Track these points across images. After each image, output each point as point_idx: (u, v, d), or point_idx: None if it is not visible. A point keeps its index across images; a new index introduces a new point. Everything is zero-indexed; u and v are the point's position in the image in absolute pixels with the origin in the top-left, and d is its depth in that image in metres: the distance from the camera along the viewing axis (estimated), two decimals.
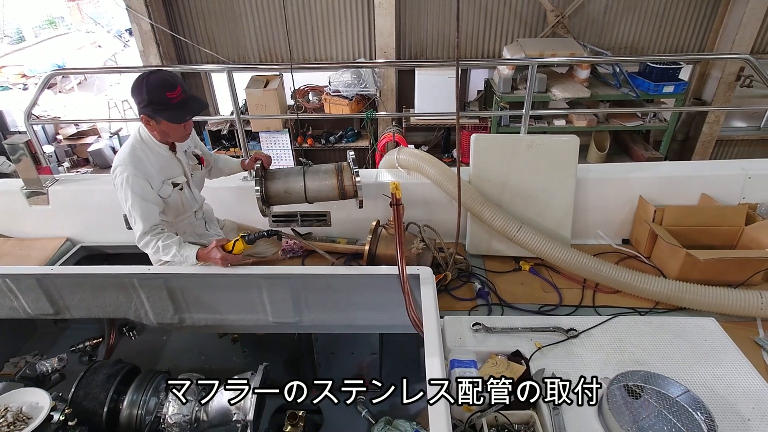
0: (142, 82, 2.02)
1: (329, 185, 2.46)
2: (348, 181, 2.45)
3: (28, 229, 3.06)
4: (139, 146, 2.19)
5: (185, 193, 2.36)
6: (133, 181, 2.09)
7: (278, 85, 5.92)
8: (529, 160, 2.65)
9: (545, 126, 5.74)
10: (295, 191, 2.46)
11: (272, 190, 2.46)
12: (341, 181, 2.44)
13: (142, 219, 2.15)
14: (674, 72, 5.41)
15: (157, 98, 2.02)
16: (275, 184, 2.46)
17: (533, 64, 2.88)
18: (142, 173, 2.13)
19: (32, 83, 8.89)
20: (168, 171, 2.27)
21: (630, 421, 1.63)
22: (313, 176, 2.46)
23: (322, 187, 2.46)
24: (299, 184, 2.45)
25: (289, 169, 2.54)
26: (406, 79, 6.25)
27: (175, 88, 2.03)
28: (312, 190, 2.45)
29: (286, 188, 2.46)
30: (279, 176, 2.49)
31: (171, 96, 2.03)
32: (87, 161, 7.03)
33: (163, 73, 2.07)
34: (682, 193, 2.82)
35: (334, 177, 2.45)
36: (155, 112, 2.06)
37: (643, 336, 2.02)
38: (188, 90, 2.11)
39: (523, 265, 2.76)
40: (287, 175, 2.49)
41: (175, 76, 2.08)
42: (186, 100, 2.08)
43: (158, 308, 2.24)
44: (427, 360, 1.69)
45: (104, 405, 1.92)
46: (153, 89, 2.01)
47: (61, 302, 2.26)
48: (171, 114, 2.08)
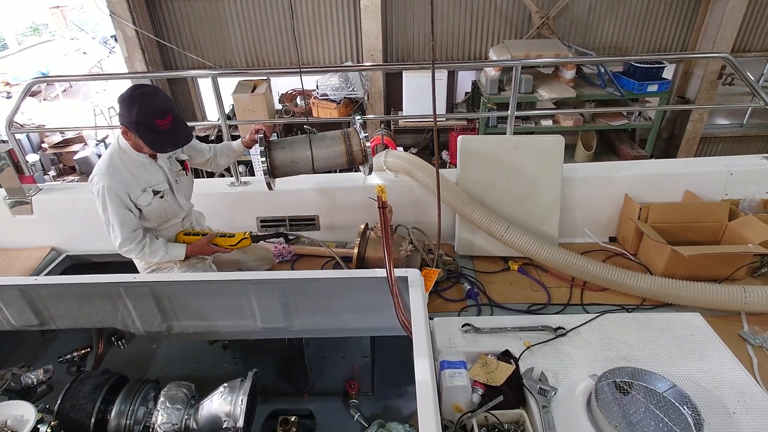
0: (135, 102, 1.98)
1: (337, 151, 2.36)
2: (356, 146, 2.34)
3: (11, 239, 3.01)
4: (118, 155, 2.17)
5: (167, 201, 2.33)
6: (109, 191, 2.09)
7: (266, 90, 5.91)
8: (516, 160, 2.67)
9: (532, 126, 5.79)
10: (302, 160, 2.35)
11: (278, 160, 2.34)
12: (349, 146, 2.34)
13: (120, 226, 2.15)
14: (658, 71, 5.50)
15: (145, 121, 2.00)
16: (281, 153, 2.34)
17: (517, 65, 2.90)
18: (119, 182, 2.11)
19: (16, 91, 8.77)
20: (148, 179, 2.24)
21: (619, 417, 1.65)
22: (320, 143, 2.35)
23: (330, 154, 2.36)
24: (306, 152, 2.34)
25: (293, 138, 2.44)
26: (394, 81, 6.27)
27: (167, 116, 2.01)
28: (320, 158, 2.35)
29: (293, 157, 2.35)
30: (284, 145, 2.38)
31: (160, 123, 2.00)
32: (73, 169, 6.96)
33: (161, 97, 2.04)
34: (667, 191, 2.86)
35: (341, 143, 2.35)
36: (139, 133, 2.03)
37: (631, 332, 2.04)
38: (178, 116, 2.09)
39: (511, 265, 2.78)
40: (293, 144, 2.38)
41: (170, 103, 2.06)
42: (172, 128, 2.05)
43: (145, 317, 2.21)
44: (416, 362, 1.69)
45: (91, 416, 1.90)
46: (145, 113, 1.98)
47: (46, 313, 2.23)
48: (154, 139, 2.05)
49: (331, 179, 3.25)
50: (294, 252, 2.96)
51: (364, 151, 2.35)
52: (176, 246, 2.34)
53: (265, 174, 2.33)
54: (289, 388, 2.92)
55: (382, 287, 2.11)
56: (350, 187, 3.00)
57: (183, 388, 2.01)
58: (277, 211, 2.95)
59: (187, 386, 2.05)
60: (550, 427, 1.64)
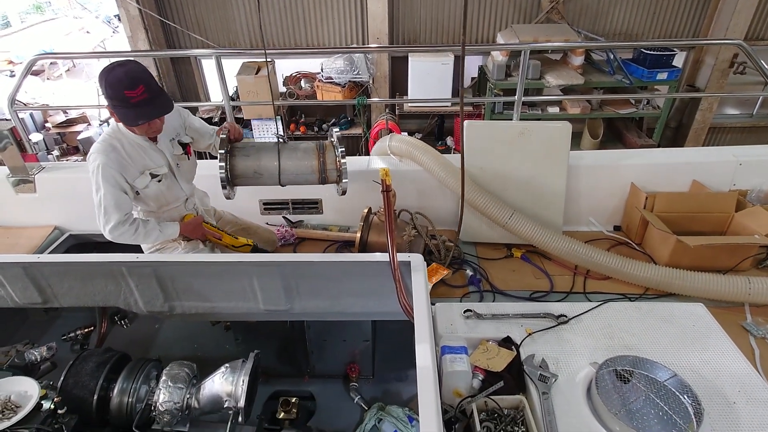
0: (105, 73, 1.91)
1: (308, 167, 2.08)
2: (331, 164, 2.07)
3: (15, 217, 3.02)
4: (116, 135, 2.11)
5: (166, 185, 2.27)
6: (104, 171, 2.03)
7: (270, 72, 5.84)
8: (522, 146, 2.64)
9: (539, 113, 5.73)
10: (268, 171, 2.06)
11: (239, 168, 2.06)
12: (322, 163, 2.06)
13: (115, 208, 2.09)
14: (668, 59, 5.40)
15: (114, 94, 1.91)
16: (244, 161, 2.07)
17: (526, 49, 2.86)
18: (115, 163, 2.06)
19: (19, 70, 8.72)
20: (146, 162, 2.19)
21: (619, 404, 1.65)
22: (290, 154, 2.07)
23: (300, 169, 2.07)
24: (273, 162, 2.05)
25: (261, 144, 2.16)
26: (400, 65, 6.19)
27: (137, 86, 1.89)
28: (288, 171, 2.06)
29: (257, 167, 2.06)
30: (249, 152, 2.09)
31: (130, 95, 1.89)
32: (77, 149, 6.94)
33: (130, 67, 1.93)
34: (674, 180, 2.83)
35: (314, 157, 2.07)
36: (113, 107, 1.97)
37: (633, 321, 2.03)
38: (155, 88, 1.98)
39: (515, 252, 2.77)
40: (259, 151, 2.09)
41: (141, 73, 1.94)
42: (147, 100, 1.94)
43: (148, 296, 2.22)
44: (417, 346, 1.69)
45: (94, 393, 1.92)
46: (112, 83, 1.89)
47: (49, 291, 2.24)
48: (125, 113, 1.96)
49: None
50: (297, 235, 2.96)
51: (339, 170, 2.09)
52: (170, 224, 2.30)
53: (223, 183, 2.05)
54: (290, 370, 2.94)
55: (384, 272, 2.11)
56: (354, 171, 2.97)
57: (185, 368, 2.03)
58: (281, 193, 2.93)
59: (189, 366, 2.06)
60: (549, 413, 1.64)
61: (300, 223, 3.02)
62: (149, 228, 2.21)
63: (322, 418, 2.73)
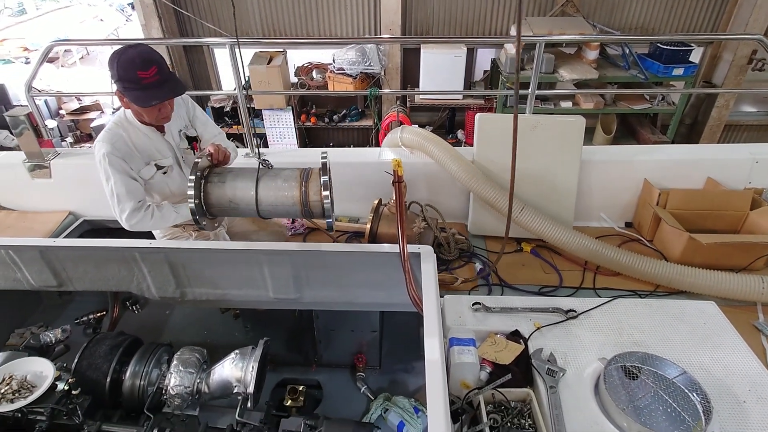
0: (116, 55, 1.88)
1: (288, 198, 1.80)
2: (314, 195, 1.78)
3: (30, 202, 3.06)
4: (122, 123, 2.08)
5: (171, 177, 2.23)
6: (110, 159, 2.00)
7: (282, 62, 5.85)
8: (534, 140, 2.62)
9: (552, 107, 5.68)
10: (244, 201, 1.81)
11: (214, 197, 1.81)
12: (305, 194, 1.78)
13: (127, 196, 2.05)
14: (685, 54, 5.32)
15: (126, 75, 1.87)
16: (218, 189, 1.82)
17: (541, 41, 2.82)
18: (120, 151, 2.02)
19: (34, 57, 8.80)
20: (152, 152, 2.15)
21: (626, 400, 1.65)
22: (270, 183, 1.82)
23: (279, 199, 1.80)
24: (249, 192, 1.79)
25: (241, 170, 1.90)
26: (412, 58, 6.15)
27: (149, 67, 1.87)
28: (266, 201, 1.80)
29: (233, 196, 1.81)
30: (226, 178, 1.84)
31: (142, 75, 1.86)
32: (90, 137, 7.00)
33: (142, 48, 1.90)
34: (688, 177, 2.79)
35: (295, 188, 1.79)
36: (124, 89, 1.93)
37: (643, 318, 2.02)
38: (167, 71, 1.95)
39: (524, 246, 2.76)
40: (236, 178, 1.84)
41: (154, 54, 1.91)
42: (160, 82, 1.91)
43: (160, 282, 2.25)
44: (426, 338, 1.70)
45: (107, 375, 1.96)
46: (124, 64, 1.86)
47: (64, 274, 2.28)
48: (137, 95, 1.91)
49: (345, 153, 3.23)
50: (306, 225, 2.97)
51: (322, 203, 1.78)
52: (184, 205, 2.25)
53: (193, 213, 1.79)
54: (297, 359, 2.98)
55: (393, 263, 2.12)
56: (364, 162, 2.98)
57: (195, 353, 2.06)
58: None
59: (200, 351, 2.10)
60: (557, 407, 1.64)
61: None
62: (165, 212, 2.17)
63: (329, 406, 2.76)
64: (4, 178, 3.01)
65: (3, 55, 8.79)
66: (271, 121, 6.20)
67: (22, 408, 1.73)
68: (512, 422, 1.65)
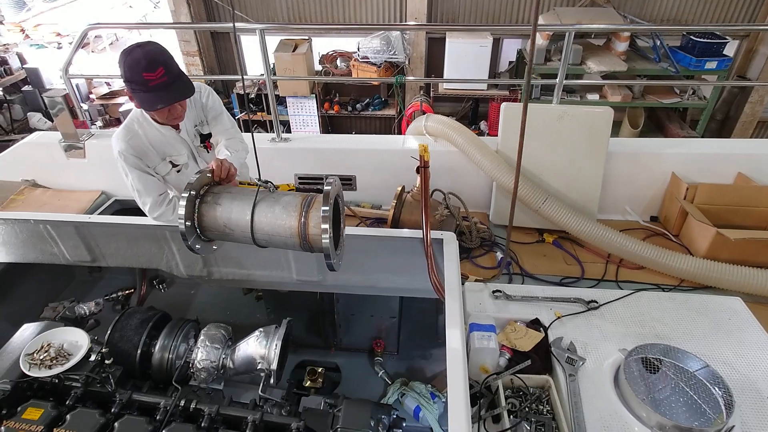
0: (124, 55, 1.82)
1: (286, 228, 1.55)
2: (314, 228, 1.52)
3: (65, 181, 3.17)
4: (138, 119, 2.06)
5: (186, 174, 2.20)
6: (125, 157, 2.00)
7: (307, 50, 5.88)
8: (560, 131, 2.60)
9: (578, 100, 5.58)
10: (239, 227, 1.60)
11: (207, 220, 1.61)
12: (304, 225, 1.53)
13: (146, 191, 2.06)
14: (719, 47, 5.15)
15: (133, 77, 1.82)
16: (212, 210, 1.61)
17: (571, 30, 2.78)
18: (135, 149, 2.02)
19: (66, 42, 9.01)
20: (167, 149, 2.13)
21: (645, 391, 1.65)
22: (268, 208, 1.59)
23: (276, 229, 1.57)
24: (245, 216, 1.57)
25: (241, 191, 1.69)
26: (436, 47, 6.11)
27: (156, 68, 1.80)
28: (262, 229, 1.58)
29: (227, 220, 1.60)
30: (221, 199, 1.63)
31: (149, 77, 1.80)
32: (119, 121, 7.16)
33: (149, 48, 1.83)
34: (718, 172, 2.74)
35: (294, 217, 1.55)
36: (132, 91, 1.88)
37: (666, 311, 2.01)
38: (175, 71, 1.88)
39: (546, 237, 2.75)
40: (233, 200, 1.62)
41: (160, 54, 1.84)
42: (167, 83, 1.84)
43: (188, 261, 2.32)
44: (448, 324, 1.72)
45: (138, 347, 2.03)
46: (131, 65, 1.80)
47: (97, 250, 2.37)
48: (144, 97, 1.87)
49: (369, 140, 3.25)
50: None
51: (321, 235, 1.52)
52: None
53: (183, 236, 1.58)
54: (317, 341, 3.03)
55: (415, 249, 2.14)
56: (389, 149, 3.00)
57: (221, 329, 2.12)
58: (316, 169, 2.99)
59: (225, 328, 2.16)
60: (575, 395, 1.66)
61: None
62: None
63: (347, 389, 2.82)
64: (41, 157, 3.12)
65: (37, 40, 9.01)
66: (294, 108, 6.25)
67: (60, 374, 1.82)
68: (530, 407, 1.66)
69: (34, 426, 1.66)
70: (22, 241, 2.43)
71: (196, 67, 6.49)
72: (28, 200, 3.02)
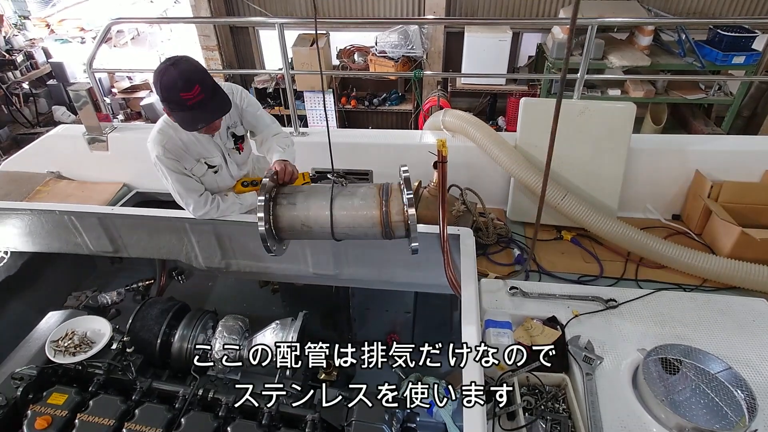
0: (158, 75, 1.80)
1: (368, 218, 1.65)
2: (397, 215, 1.64)
3: (88, 173, 3.24)
4: (170, 122, 2.03)
5: (220, 175, 2.21)
6: (163, 161, 2.01)
7: (324, 44, 5.88)
8: (581, 126, 2.56)
9: (599, 96, 5.48)
10: (318, 224, 1.68)
11: (285, 220, 1.69)
12: (386, 214, 1.64)
13: (187, 193, 2.08)
14: (747, 41, 4.99)
15: (170, 97, 1.82)
16: (289, 211, 1.70)
17: (593, 24, 2.73)
18: (171, 152, 2.01)
19: (90, 37, 9.17)
20: (201, 152, 2.13)
21: (664, 392, 1.63)
22: (346, 202, 1.67)
23: (358, 221, 1.67)
24: (324, 212, 1.66)
25: (312, 188, 1.79)
26: (455, 42, 6.06)
27: (192, 87, 1.78)
28: (342, 223, 1.67)
29: (305, 218, 1.68)
30: (296, 199, 1.72)
31: (186, 97, 1.78)
32: (139, 114, 7.29)
33: (182, 68, 1.79)
34: (744, 170, 2.66)
35: (375, 207, 1.65)
36: (170, 110, 1.89)
37: (687, 312, 1.97)
38: (210, 86, 1.86)
39: (564, 234, 2.71)
40: (308, 198, 1.71)
41: (195, 72, 1.81)
42: (204, 101, 1.82)
43: (207, 252, 2.36)
44: (463, 320, 1.72)
45: (158, 337, 2.08)
46: (167, 86, 1.79)
47: (119, 241, 2.42)
48: (183, 117, 1.86)
49: (386, 135, 3.25)
50: None
51: (406, 222, 1.65)
52: (247, 195, 2.27)
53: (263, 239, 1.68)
54: (332, 335, 3.06)
55: (431, 244, 2.14)
56: (406, 144, 2.99)
57: (239, 321, 2.15)
58: None
59: (243, 320, 2.19)
60: (592, 394, 1.64)
61: None
62: (229, 203, 2.19)
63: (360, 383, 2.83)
64: (65, 149, 3.19)
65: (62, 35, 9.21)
66: (312, 102, 6.28)
67: (83, 361, 1.87)
68: (546, 405, 1.65)
69: (59, 411, 1.71)
70: (47, 231, 2.50)
71: (215, 62, 6.55)
72: (53, 191, 3.10)
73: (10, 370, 1.85)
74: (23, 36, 8.08)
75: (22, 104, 7.30)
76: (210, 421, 1.71)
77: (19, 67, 7.20)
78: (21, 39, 7.85)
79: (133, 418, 1.70)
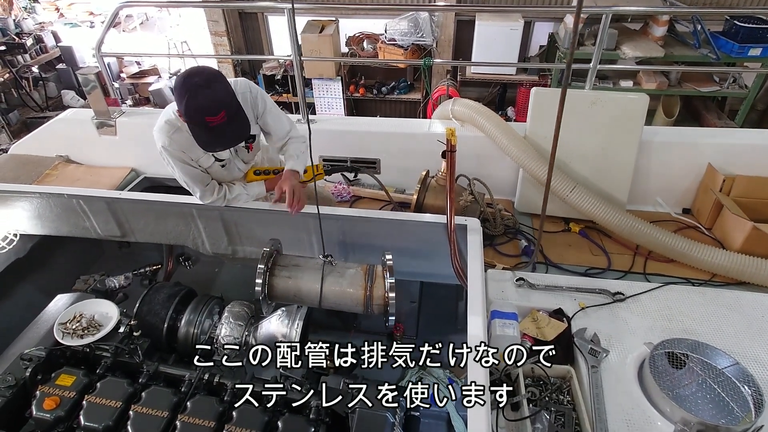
0: (185, 93, 1.75)
1: (353, 298, 1.94)
2: (378, 299, 1.91)
3: (97, 157, 3.25)
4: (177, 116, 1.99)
5: (228, 168, 2.21)
6: (169, 151, 2.00)
7: (333, 31, 5.83)
8: (592, 117, 2.52)
9: (610, 87, 5.40)
10: (309, 298, 1.97)
11: (279, 288, 1.97)
12: (369, 296, 1.92)
13: (193, 182, 2.09)
14: (764, 33, 4.87)
15: (194, 118, 1.80)
16: (284, 282, 1.97)
17: (608, 12, 2.68)
18: (177, 143, 2.00)
19: (98, 21, 9.16)
20: None
21: (670, 386, 1.62)
22: (335, 280, 1.95)
23: (344, 300, 1.95)
24: (314, 286, 1.94)
25: (306, 262, 2.03)
26: (465, 30, 5.98)
27: (219, 112, 1.76)
28: (329, 300, 1.96)
29: (297, 290, 1.96)
30: (291, 272, 1.98)
31: (210, 120, 1.77)
32: (148, 100, 7.30)
33: (212, 92, 1.75)
34: (758, 164, 2.61)
35: (361, 287, 1.93)
36: (190, 126, 1.86)
37: (695, 306, 1.95)
38: (234, 108, 1.84)
39: (572, 226, 2.69)
40: (302, 272, 1.98)
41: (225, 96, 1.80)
42: (224, 125, 1.80)
43: (214, 238, 2.37)
44: (469, 310, 1.71)
45: (164, 321, 2.09)
46: (196, 110, 1.76)
47: (127, 226, 2.43)
48: (202, 137, 1.84)
49: (395, 124, 3.22)
50: (353, 193, 3.01)
51: (386, 302, 1.91)
52: (254, 185, 2.29)
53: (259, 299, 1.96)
54: (336, 323, 3.07)
55: (438, 234, 2.13)
56: (414, 133, 2.97)
57: (245, 307, 2.16)
58: (341, 151, 2.99)
59: (249, 306, 2.20)
60: (597, 387, 1.63)
61: (357, 181, 3.07)
62: (236, 193, 2.20)
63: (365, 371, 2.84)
64: (74, 133, 3.20)
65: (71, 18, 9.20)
66: (320, 90, 6.24)
67: (90, 344, 1.89)
68: (550, 397, 1.65)
69: (67, 392, 1.74)
70: (56, 214, 2.51)
71: (223, 48, 6.52)
72: (62, 175, 3.11)
73: (20, 351, 1.88)
74: (33, 19, 8.08)
75: (32, 88, 7.32)
76: (215, 405, 1.73)
77: (28, 50, 7.21)
78: (30, 22, 7.85)
79: (140, 400, 1.72)
